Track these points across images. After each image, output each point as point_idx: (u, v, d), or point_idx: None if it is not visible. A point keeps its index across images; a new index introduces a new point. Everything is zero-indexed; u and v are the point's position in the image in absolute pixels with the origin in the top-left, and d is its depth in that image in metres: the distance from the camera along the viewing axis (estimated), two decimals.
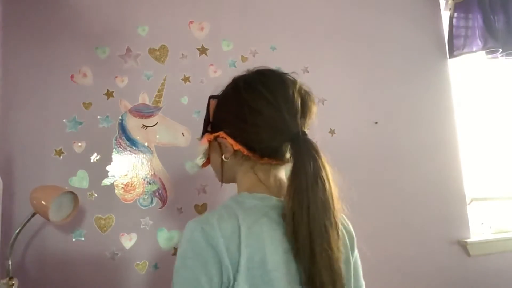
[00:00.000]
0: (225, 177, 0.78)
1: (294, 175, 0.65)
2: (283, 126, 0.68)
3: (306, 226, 0.62)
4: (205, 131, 0.78)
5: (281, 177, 0.73)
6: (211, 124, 0.77)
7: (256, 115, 0.68)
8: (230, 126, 0.71)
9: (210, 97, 0.78)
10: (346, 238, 0.76)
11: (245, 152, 0.70)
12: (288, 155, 0.69)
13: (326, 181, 0.65)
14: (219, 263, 0.60)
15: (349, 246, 0.76)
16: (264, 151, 0.69)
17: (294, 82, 0.73)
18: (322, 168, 0.66)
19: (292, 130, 0.67)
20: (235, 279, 0.60)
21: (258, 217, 0.65)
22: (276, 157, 0.70)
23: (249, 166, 0.72)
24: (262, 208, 0.67)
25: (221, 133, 0.72)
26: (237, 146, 0.70)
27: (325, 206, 0.64)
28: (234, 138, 0.70)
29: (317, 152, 0.67)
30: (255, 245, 0.62)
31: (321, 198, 0.64)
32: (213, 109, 0.77)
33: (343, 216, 0.80)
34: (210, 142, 0.76)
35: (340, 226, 0.69)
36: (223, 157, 0.73)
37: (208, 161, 0.81)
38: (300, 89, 0.72)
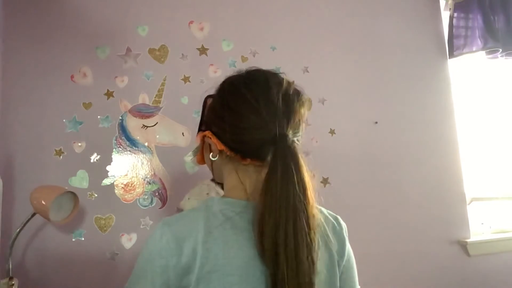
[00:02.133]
0: (215, 175, 0.79)
1: (266, 180, 0.65)
2: (263, 128, 0.67)
3: (272, 232, 0.61)
4: (199, 129, 0.79)
5: (263, 180, 0.71)
6: (204, 123, 0.78)
7: (237, 117, 0.68)
8: (215, 126, 0.72)
9: (207, 97, 0.79)
10: (334, 247, 0.71)
11: (228, 152, 0.70)
12: (269, 157, 0.68)
13: (298, 187, 0.63)
14: (165, 264, 0.62)
15: (336, 258, 0.71)
16: (246, 152, 0.69)
17: (280, 83, 0.71)
18: (294, 173, 0.64)
19: (272, 133, 0.66)
20: (190, 282, 0.61)
21: (221, 222, 0.65)
22: (258, 159, 0.69)
23: (233, 166, 0.72)
24: (227, 213, 0.67)
25: (208, 133, 0.73)
26: (221, 146, 0.70)
27: (295, 215, 0.62)
28: (219, 138, 0.71)
29: (293, 156, 0.65)
30: (214, 249, 0.62)
31: (291, 205, 0.62)
32: (206, 108, 0.78)
33: (337, 218, 0.77)
34: (202, 140, 0.77)
35: (318, 236, 0.65)
36: (210, 156, 0.73)
37: (202, 159, 0.82)
38: (287, 90, 0.71)
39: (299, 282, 0.61)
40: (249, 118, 0.68)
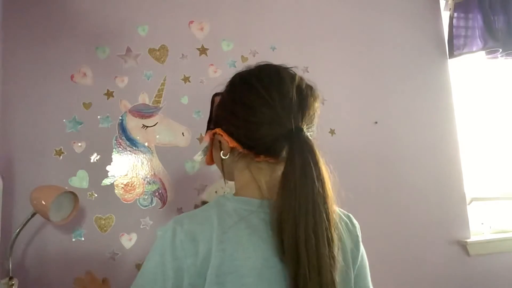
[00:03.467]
0: (226, 174, 0.76)
1: (283, 175, 0.63)
2: (277, 123, 0.65)
3: (292, 230, 0.59)
4: (208, 128, 0.77)
5: (278, 177, 0.69)
6: (213, 121, 0.76)
7: (250, 112, 0.66)
8: (226, 123, 0.70)
9: (214, 94, 0.78)
10: (348, 246, 0.70)
11: (241, 149, 0.68)
12: (285, 153, 0.66)
13: (317, 182, 0.61)
14: (178, 266, 0.60)
15: (350, 257, 0.70)
16: (259, 148, 0.67)
17: (292, 76, 0.71)
18: (313, 168, 0.62)
19: (287, 127, 0.65)
20: (203, 284, 0.59)
21: (235, 222, 0.63)
22: (272, 155, 0.67)
23: (245, 164, 0.70)
24: (241, 212, 0.65)
25: (218, 130, 0.70)
26: (233, 143, 0.68)
27: (315, 210, 0.60)
28: (230, 135, 0.68)
29: (310, 150, 0.63)
30: (229, 250, 0.60)
31: (311, 200, 0.60)
32: (215, 105, 0.76)
33: (350, 217, 0.77)
34: (211, 139, 0.75)
35: (337, 233, 0.63)
36: (221, 154, 0.71)
37: (211, 159, 0.80)
38: (300, 83, 0.70)
39: (321, 280, 0.59)
40: (262, 112, 0.65)
